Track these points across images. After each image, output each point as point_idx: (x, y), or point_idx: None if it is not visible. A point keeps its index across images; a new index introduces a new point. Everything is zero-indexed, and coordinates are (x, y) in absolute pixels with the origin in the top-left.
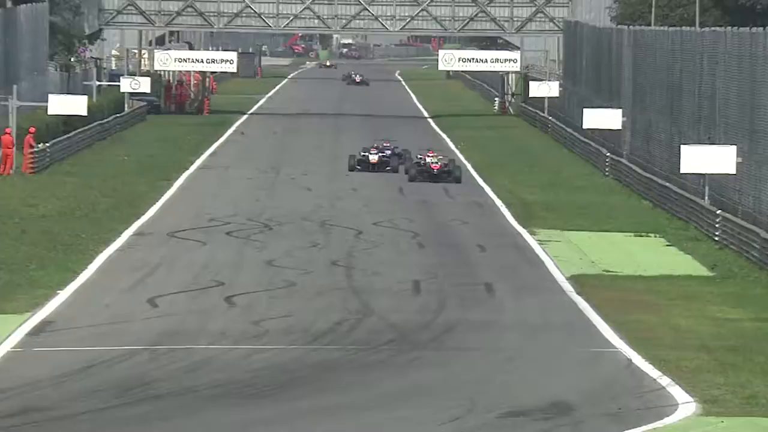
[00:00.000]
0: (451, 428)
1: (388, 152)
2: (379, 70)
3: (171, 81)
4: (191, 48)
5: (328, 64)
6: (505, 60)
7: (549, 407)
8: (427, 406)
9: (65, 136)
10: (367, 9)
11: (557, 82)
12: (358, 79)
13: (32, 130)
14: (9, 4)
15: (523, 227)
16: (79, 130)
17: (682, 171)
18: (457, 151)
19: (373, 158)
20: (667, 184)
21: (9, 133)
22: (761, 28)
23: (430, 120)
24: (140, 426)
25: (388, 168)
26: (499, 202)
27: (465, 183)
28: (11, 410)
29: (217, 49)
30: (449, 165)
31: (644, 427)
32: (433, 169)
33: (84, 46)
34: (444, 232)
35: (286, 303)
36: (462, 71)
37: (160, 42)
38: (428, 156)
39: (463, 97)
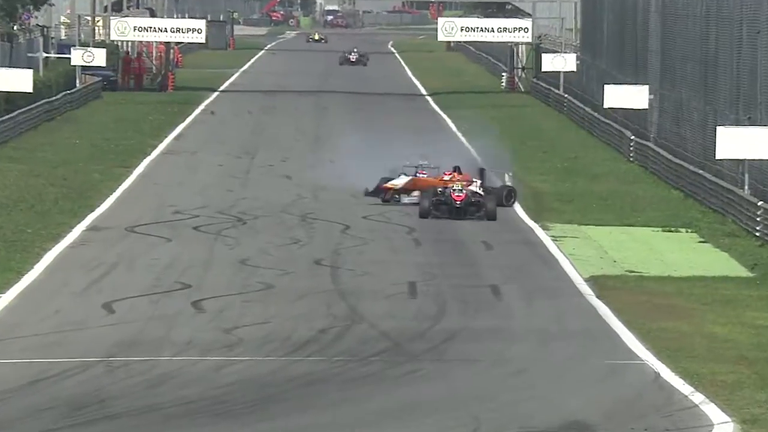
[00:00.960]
0: None
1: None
2: (369, 40)
3: (130, 53)
4: (153, 15)
5: (317, 37)
6: (515, 29)
7: (564, 427)
8: (424, 425)
9: (7, 116)
10: None
11: (574, 55)
12: (353, 58)
13: None
14: None
15: (535, 221)
16: (23, 109)
17: (717, 156)
18: (459, 134)
19: (458, 195)
20: (701, 171)
21: None
22: None
23: (428, 98)
24: None
25: (478, 213)
26: None
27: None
28: None
29: (183, 17)
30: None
31: None
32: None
33: (28, 12)
34: (443, 227)
35: (262, 308)
36: (465, 42)
37: (117, 8)
38: (445, 177)
39: (466, 72)
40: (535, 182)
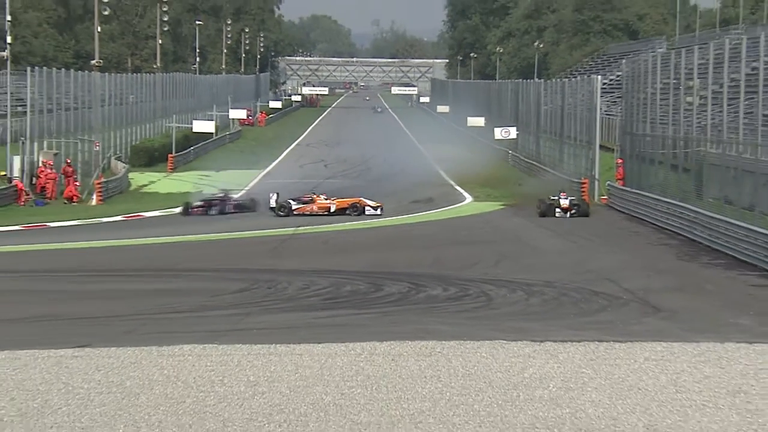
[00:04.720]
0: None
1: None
2: (372, 94)
3: (306, 96)
4: (313, 86)
5: (367, 98)
6: (412, 90)
7: (427, 200)
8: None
9: (274, 114)
10: (368, 75)
11: (428, 97)
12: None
13: (263, 114)
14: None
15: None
16: (278, 113)
17: (495, 138)
18: (396, 117)
19: (564, 203)
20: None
21: (262, 113)
22: (492, 81)
23: (389, 110)
24: None
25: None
26: (406, 130)
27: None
28: (257, 194)
29: (321, 87)
30: None
31: (456, 205)
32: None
33: (280, 85)
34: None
35: (343, 166)
36: (398, 94)
37: (303, 85)
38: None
39: (399, 102)
40: (417, 128)
